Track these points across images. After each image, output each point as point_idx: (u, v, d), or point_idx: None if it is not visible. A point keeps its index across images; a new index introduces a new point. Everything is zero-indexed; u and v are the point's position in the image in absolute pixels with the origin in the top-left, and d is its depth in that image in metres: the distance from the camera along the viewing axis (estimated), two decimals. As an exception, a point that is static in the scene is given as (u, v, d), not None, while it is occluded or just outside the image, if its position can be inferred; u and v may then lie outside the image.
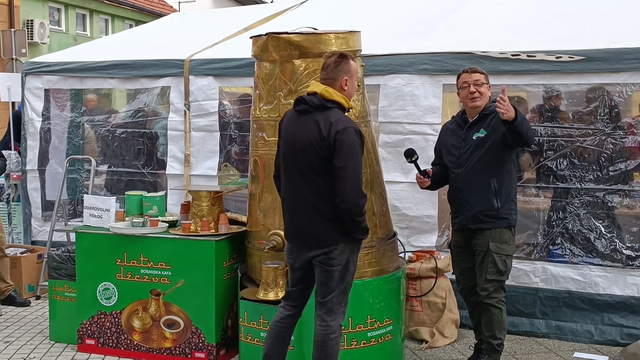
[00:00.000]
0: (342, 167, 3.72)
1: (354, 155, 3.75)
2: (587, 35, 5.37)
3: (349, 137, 3.73)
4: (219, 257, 4.69)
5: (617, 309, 5.14)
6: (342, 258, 3.86)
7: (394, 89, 5.67)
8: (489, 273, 4.37)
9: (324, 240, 3.84)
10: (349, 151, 3.73)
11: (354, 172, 3.74)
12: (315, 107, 3.83)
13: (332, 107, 3.83)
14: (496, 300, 4.40)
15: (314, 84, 3.94)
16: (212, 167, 6.46)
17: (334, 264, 3.84)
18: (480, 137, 4.38)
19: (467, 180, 4.40)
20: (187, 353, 4.77)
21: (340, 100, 3.86)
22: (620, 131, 5.22)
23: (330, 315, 3.88)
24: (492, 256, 4.36)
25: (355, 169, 3.76)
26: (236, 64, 6.27)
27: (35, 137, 7.24)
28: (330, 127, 3.74)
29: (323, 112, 3.81)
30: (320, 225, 3.83)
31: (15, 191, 7.57)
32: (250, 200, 4.68)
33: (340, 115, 3.83)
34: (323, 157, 3.77)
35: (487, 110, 4.41)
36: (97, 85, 7.14)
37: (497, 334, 4.42)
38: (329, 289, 3.88)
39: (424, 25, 6.25)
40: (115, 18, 19.81)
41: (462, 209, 4.45)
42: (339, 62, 3.90)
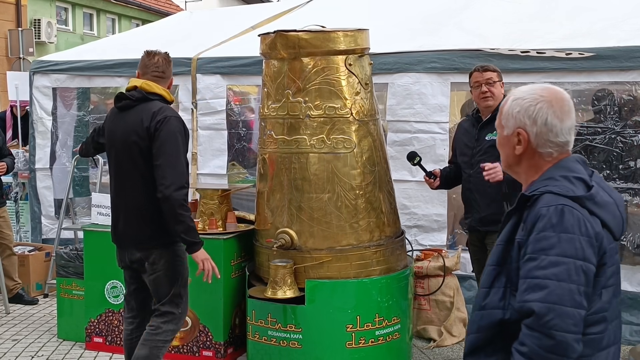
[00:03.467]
0: (160, 154, 3.60)
1: (172, 144, 3.62)
2: (597, 33, 5.35)
3: (169, 126, 3.63)
4: (226, 256, 4.69)
5: (628, 306, 5.12)
6: (163, 263, 3.73)
7: (402, 87, 5.66)
8: None
9: (142, 243, 3.73)
10: (167, 139, 3.61)
11: (172, 161, 3.60)
12: (137, 100, 3.76)
13: (154, 99, 3.77)
14: None
15: (133, 80, 3.87)
16: (220, 165, 6.47)
17: (155, 269, 3.74)
18: (494, 138, 4.31)
19: (477, 182, 4.34)
20: (194, 351, 4.77)
21: (162, 92, 3.81)
22: (630, 129, 5.20)
23: (161, 318, 3.80)
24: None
25: (174, 158, 3.61)
26: (244, 62, 6.27)
27: (46, 135, 7.26)
28: (152, 117, 3.66)
29: (145, 104, 3.74)
30: (140, 225, 3.72)
31: (23, 190, 7.59)
32: (259, 198, 4.68)
33: (162, 105, 3.75)
34: (146, 150, 3.65)
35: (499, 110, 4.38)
36: (105, 83, 7.16)
37: None
38: (160, 296, 3.80)
39: (432, 23, 6.23)
40: (122, 17, 19.84)
41: (473, 210, 4.43)
42: (169, 62, 3.89)
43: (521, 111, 2.07)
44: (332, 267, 4.37)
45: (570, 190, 1.96)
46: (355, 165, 4.38)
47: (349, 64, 4.36)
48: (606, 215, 1.99)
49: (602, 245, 1.95)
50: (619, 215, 2.05)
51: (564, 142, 2.06)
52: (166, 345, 3.86)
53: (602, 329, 1.98)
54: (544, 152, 2.06)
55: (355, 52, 4.40)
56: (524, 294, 1.91)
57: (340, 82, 4.35)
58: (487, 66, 4.46)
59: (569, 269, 1.88)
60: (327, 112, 4.34)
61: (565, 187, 1.97)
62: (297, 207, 4.38)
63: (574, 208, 1.93)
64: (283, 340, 4.40)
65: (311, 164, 4.36)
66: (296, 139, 4.37)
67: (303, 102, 4.34)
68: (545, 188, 1.99)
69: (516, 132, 2.08)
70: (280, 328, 4.40)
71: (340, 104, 4.35)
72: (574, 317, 1.86)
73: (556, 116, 2.03)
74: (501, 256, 2.06)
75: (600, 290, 1.97)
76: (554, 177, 2.02)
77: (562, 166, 2.04)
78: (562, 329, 1.85)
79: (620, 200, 2.10)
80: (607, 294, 1.99)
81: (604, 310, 1.98)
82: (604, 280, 1.97)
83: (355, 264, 4.39)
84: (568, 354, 1.85)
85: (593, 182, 2.01)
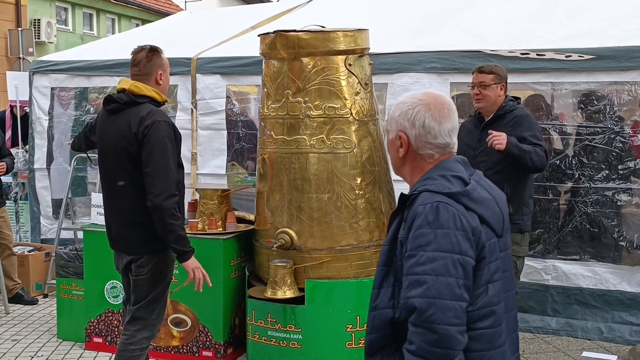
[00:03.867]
0: (149, 161, 3.50)
1: (161, 151, 3.51)
2: (596, 34, 5.35)
3: (158, 131, 3.52)
4: (226, 256, 4.69)
5: (627, 306, 5.12)
6: (150, 267, 3.68)
7: (402, 87, 5.65)
8: None
9: (132, 247, 3.68)
10: (155, 145, 3.50)
11: (161, 168, 3.50)
12: (125, 104, 3.63)
13: (143, 102, 3.64)
14: None
15: (123, 80, 3.75)
16: (220, 165, 6.46)
17: (140, 272, 3.68)
18: None
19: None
20: (194, 352, 4.77)
21: (152, 94, 3.67)
22: (629, 129, 5.20)
23: (134, 325, 3.72)
24: None
25: (163, 165, 3.50)
26: (243, 62, 6.27)
27: (43, 135, 7.26)
28: (140, 122, 3.53)
29: (134, 108, 3.61)
30: (130, 231, 3.66)
31: (23, 190, 7.59)
32: (258, 198, 4.68)
33: (151, 109, 3.62)
34: (135, 156, 3.55)
35: (502, 110, 4.33)
36: (104, 83, 7.14)
37: None
38: (137, 297, 3.72)
39: (432, 23, 6.23)
40: (122, 17, 19.84)
41: None
42: (151, 57, 3.71)
43: (401, 115, 2.13)
44: (331, 267, 4.37)
45: (446, 188, 2.02)
46: (355, 166, 4.38)
47: (348, 64, 4.36)
48: (484, 211, 2.04)
49: (480, 239, 1.99)
50: (498, 211, 2.10)
51: (444, 143, 2.12)
52: (143, 353, 3.77)
53: (492, 323, 2.01)
54: (425, 154, 2.13)
55: (355, 52, 4.40)
56: (406, 290, 1.95)
57: (340, 82, 4.35)
58: (483, 68, 4.41)
59: (446, 263, 1.92)
60: (326, 112, 4.34)
61: (441, 185, 2.04)
62: (297, 207, 4.39)
63: (449, 204, 1.98)
64: (283, 341, 4.40)
65: (311, 164, 4.36)
66: (296, 139, 4.37)
67: (303, 102, 4.34)
68: (423, 187, 2.05)
69: (398, 135, 2.14)
70: (280, 328, 4.40)
71: (340, 104, 4.35)
72: (455, 310, 1.89)
73: (434, 119, 2.10)
74: (388, 256, 2.09)
75: (486, 285, 2.01)
76: (432, 176, 2.08)
77: (441, 166, 2.11)
78: (443, 322, 1.88)
79: (501, 197, 2.15)
80: (494, 288, 2.03)
81: (492, 304, 2.02)
82: (487, 275, 2.01)
83: (355, 264, 4.39)
84: (452, 346, 1.88)
85: (472, 180, 2.07)
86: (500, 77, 4.36)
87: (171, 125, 3.63)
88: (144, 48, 3.77)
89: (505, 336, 2.07)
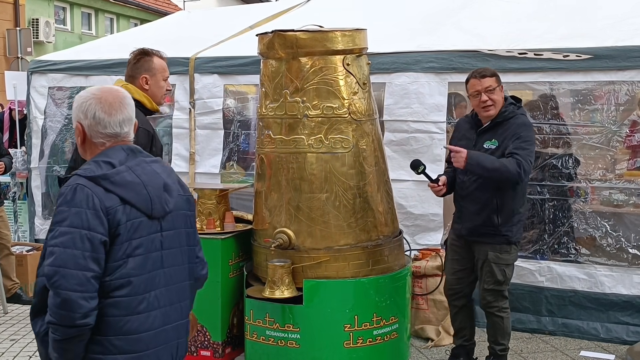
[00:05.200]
0: None
1: None
2: (595, 33, 5.36)
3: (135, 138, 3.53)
4: (224, 256, 4.69)
5: (623, 308, 5.12)
6: None
7: (400, 87, 5.67)
8: (486, 283, 4.28)
9: None
10: None
11: None
12: None
13: None
14: (496, 309, 4.31)
15: (117, 81, 3.73)
16: (216, 164, 6.46)
17: None
18: (492, 148, 4.20)
19: (471, 190, 4.26)
20: (192, 351, 4.77)
21: (141, 99, 3.61)
22: (626, 129, 5.20)
23: None
24: (490, 266, 4.24)
25: None
26: (241, 62, 6.27)
27: (39, 135, 7.26)
28: None
29: None
30: None
31: (21, 189, 7.59)
32: (257, 198, 4.68)
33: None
34: None
35: (500, 117, 4.20)
36: (102, 83, 7.14)
37: (499, 339, 4.36)
38: None
39: (430, 23, 6.24)
40: (121, 17, 19.85)
41: (463, 218, 4.35)
42: (139, 59, 3.67)
43: (77, 107, 2.42)
44: (330, 267, 4.37)
45: (90, 172, 2.31)
46: (353, 165, 4.39)
47: (346, 64, 4.37)
48: (127, 193, 2.32)
49: (115, 218, 2.28)
50: (145, 194, 2.37)
51: (114, 133, 2.42)
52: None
53: (129, 292, 2.31)
54: (97, 142, 2.42)
55: (353, 52, 4.40)
56: (45, 260, 2.26)
57: (338, 82, 4.36)
58: (484, 72, 4.28)
59: (74, 237, 2.22)
60: (325, 112, 4.35)
61: (89, 169, 2.33)
62: (295, 207, 4.39)
63: (86, 186, 2.28)
64: (281, 340, 4.41)
65: (309, 163, 4.36)
66: (294, 138, 4.38)
67: (301, 101, 4.35)
68: (76, 171, 2.36)
69: (76, 125, 2.44)
70: (278, 328, 4.41)
71: (338, 104, 4.35)
72: (78, 278, 2.20)
73: (104, 111, 2.39)
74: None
75: (126, 258, 2.31)
76: (89, 162, 2.39)
77: (103, 153, 2.39)
78: (66, 288, 2.19)
79: (153, 181, 2.40)
80: (135, 262, 2.32)
81: (131, 275, 2.31)
82: (128, 249, 2.31)
83: (353, 264, 4.40)
84: (74, 309, 2.18)
85: (124, 166, 2.35)
86: (499, 79, 4.28)
87: (150, 134, 3.57)
88: (137, 50, 3.74)
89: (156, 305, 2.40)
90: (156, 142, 3.63)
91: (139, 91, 3.65)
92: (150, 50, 3.78)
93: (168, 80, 3.83)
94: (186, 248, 2.54)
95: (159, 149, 3.66)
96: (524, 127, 4.18)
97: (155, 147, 3.61)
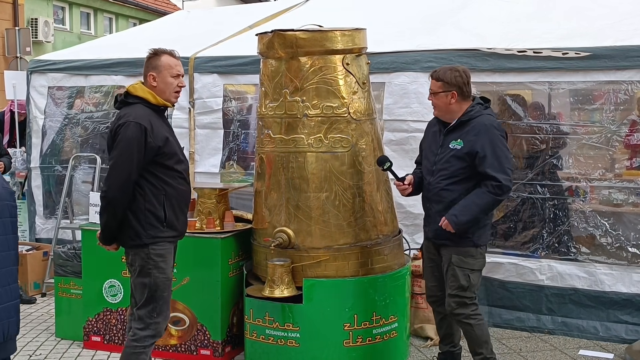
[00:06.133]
0: (111, 158, 3.70)
1: (124, 150, 3.63)
2: (594, 33, 5.36)
3: (126, 131, 3.64)
4: (224, 255, 4.70)
5: (622, 306, 5.13)
6: (137, 266, 3.77)
7: (399, 86, 5.67)
8: (450, 287, 4.09)
9: (124, 244, 3.81)
10: (119, 144, 3.64)
11: (119, 166, 3.63)
12: (121, 102, 3.81)
13: (134, 102, 3.76)
14: (463, 316, 4.09)
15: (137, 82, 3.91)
16: (215, 164, 6.47)
17: (132, 271, 3.82)
18: (457, 147, 4.03)
19: (435, 191, 4.13)
20: (192, 350, 4.78)
21: (145, 95, 3.78)
22: (625, 129, 5.21)
23: (138, 323, 3.81)
24: (454, 270, 4.07)
25: (122, 164, 3.63)
26: (241, 62, 6.27)
27: (39, 134, 7.26)
28: (116, 120, 3.73)
29: (126, 107, 3.78)
30: (121, 228, 3.74)
31: (21, 189, 7.59)
32: (256, 197, 4.69)
33: (135, 110, 3.73)
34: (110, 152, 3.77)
35: (466, 117, 4.04)
36: (101, 82, 7.14)
37: (476, 348, 4.15)
38: (137, 297, 3.83)
39: (430, 22, 6.25)
40: (119, 17, 19.84)
41: (429, 220, 4.22)
42: (148, 59, 3.86)
43: None
44: (329, 266, 4.38)
45: None
46: (352, 165, 4.40)
47: (346, 64, 4.38)
48: None
49: None
50: None
51: None
52: (146, 351, 3.81)
53: None
54: None
55: (353, 52, 4.41)
56: None
57: (338, 81, 4.37)
58: (436, 74, 4.11)
59: None
60: (324, 111, 4.36)
61: None
62: (295, 206, 4.40)
63: None
64: (281, 339, 4.42)
65: (309, 163, 4.37)
66: (294, 138, 4.39)
67: (301, 101, 4.36)
68: None
69: None
70: (278, 327, 4.41)
71: (338, 104, 4.36)
72: None
73: None
74: None
75: None
76: None
77: None
78: None
79: None
80: None
81: None
82: None
83: (352, 263, 4.41)
84: None
85: None
86: (449, 85, 4.02)
87: (144, 128, 3.66)
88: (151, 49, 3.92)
89: None
90: (154, 134, 3.69)
91: (144, 88, 3.81)
92: (162, 49, 3.92)
93: (181, 78, 3.91)
94: (11, 236, 2.87)
95: (159, 141, 3.71)
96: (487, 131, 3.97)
97: (152, 138, 3.68)
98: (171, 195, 3.77)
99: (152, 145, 3.68)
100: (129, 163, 3.64)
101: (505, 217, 5.57)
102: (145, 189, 3.70)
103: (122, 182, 3.64)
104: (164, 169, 3.75)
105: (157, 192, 3.73)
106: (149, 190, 3.71)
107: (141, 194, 3.70)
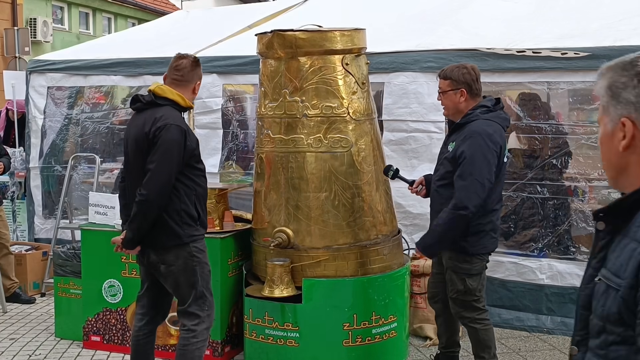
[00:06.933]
0: (152, 161, 3.64)
1: (167, 153, 3.63)
2: (593, 33, 5.37)
3: (168, 134, 3.63)
4: (224, 255, 4.70)
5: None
6: (180, 264, 3.77)
7: (399, 86, 5.67)
8: (450, 291, 4.11)
9: (158, 245, 3.77)
10: (161, 147, 3.63)
11: (162, 169, 3.62)
12: (147, 104, 3.79)
13: (163, 104, 3.76)
14: (468, 320, 4.09)
15: (155, 82, 3.90)
16: (215, 164, 6.47)
17: (171, 271, 3.79)
18: (449, 150, 4.00)
19: (433, 195, 4.13)
20: (192, 350, 4.78)
21: (175, 98, 3.78)
22: (625, 128, 5.21)
23: (192, 320, 3.84)
24: (450, 274, 4.09)
25: (165, 167, 3.63)
26: (240, 62, 6.27)
27: (38, 134, 7.26)
28: (152, 123, 3.67)
29: (154, 109, 3.75)
30: (156, 229, 3.72)
31: (20, 189, 7.59)
32: (256, 197, 4.69)
33: (169, 112, 3.73)
34: (146, 155, 3.69)
35: (463, 120, 3.97)
36: (101, 82, 7.15)
37: (479, 352, 4.14)
38: (182, 297, 3.84)
39: (429, 22, 6.25)
40: (118, 16, 19.83)
41: (431, 219, 4.20)
42: (195, 67, 3.88)
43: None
44: (329, 266, 4.38)
45: None
46: (352, 165, 4.40)
47: (345, 64, 4.38)
48: None
49: None
50: None
51: None
52: (205, 344, 3.91)
53: None
54: None
55: (352, 52, 4.42)
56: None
57: (337, 81, 4.37)
58: (444, 72, 4.06)
59: None
60: (324, 111, 4.36)
61: None
62: (294, 206, 4.40)
63: None
64: (280, 339, 4.42)
65: (308, 163, 4.37)
66: (293, 138, 4.39)
67: (300, 101, 4.36)
68: None
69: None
70: (278, 327, 4.42)
71: (337, 104, 4.37)
72: None
73: None
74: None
75: None
76: None
77: None
78: None
79: None
80: None
81: None
82: None
83: (352, 263, 4.41)
84: None
85: None
86: (458, 82, 3.97)
87: (183, 131, 3.70)
88: (188, 56, 3.92)
89: None
90: (190, 137, 3.78)
91: (173, 91, 3.81)
92: (198, 58, 4.01)
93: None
94: None
95: (194, 143, 3.79)
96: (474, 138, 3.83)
97: (190, 141, 3.74)
98: (200, 195, 3.84)
99: (190, 147, 3.73)
100: (170, 166, 3.65)
101: (506, 217, 5.58)
102: (180, 189, 3.73)
103: (162, 185, 3.64)
104: (192, 169, 3.80)
105: (189, 192, 3.77)
106: (183, 191, 3.74)
107: (176, 195, 3.72)
